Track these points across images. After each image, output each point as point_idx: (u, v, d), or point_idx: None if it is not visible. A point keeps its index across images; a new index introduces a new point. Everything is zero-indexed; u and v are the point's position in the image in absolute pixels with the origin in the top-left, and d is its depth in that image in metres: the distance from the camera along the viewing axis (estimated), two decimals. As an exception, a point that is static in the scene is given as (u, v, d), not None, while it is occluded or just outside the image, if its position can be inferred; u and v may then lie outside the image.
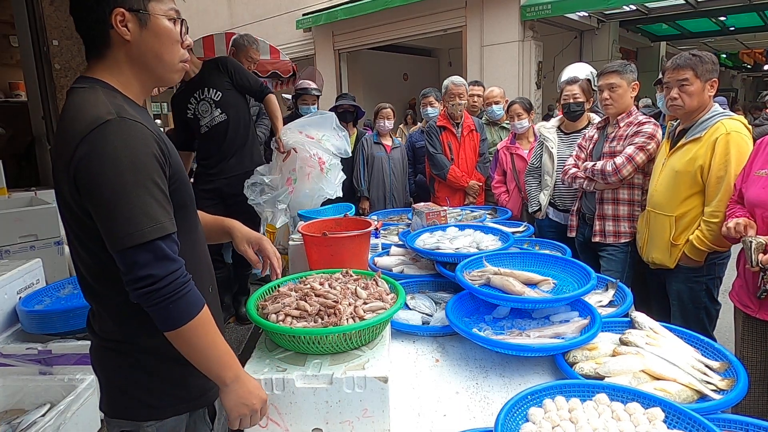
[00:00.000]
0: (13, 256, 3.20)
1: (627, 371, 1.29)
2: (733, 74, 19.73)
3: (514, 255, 1.97)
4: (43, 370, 2.55)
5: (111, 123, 0.97)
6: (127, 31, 1.04)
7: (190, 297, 1.02)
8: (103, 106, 0.99)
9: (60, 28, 4.14)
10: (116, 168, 0.96)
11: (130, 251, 0.96)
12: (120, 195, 0.96)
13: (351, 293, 1.48)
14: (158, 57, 1.09)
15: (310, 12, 10.54)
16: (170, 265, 0.99)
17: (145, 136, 1.01)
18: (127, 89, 1.09)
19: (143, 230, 0.96)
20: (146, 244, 0.96)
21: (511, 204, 3.59)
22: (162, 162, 1.03)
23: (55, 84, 4.16)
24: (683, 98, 2.19)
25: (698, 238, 2.19)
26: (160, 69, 1.11)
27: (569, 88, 3.00)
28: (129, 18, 1.04)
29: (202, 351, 1.05)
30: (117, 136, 0.97)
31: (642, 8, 9.09)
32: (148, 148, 1.00)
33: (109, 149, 0.96)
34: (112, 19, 1.03)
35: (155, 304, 0.98)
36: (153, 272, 0.97)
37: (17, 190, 4.26)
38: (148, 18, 1.05)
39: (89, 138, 0.96)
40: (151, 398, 1.14)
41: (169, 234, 1.00)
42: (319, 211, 2.71)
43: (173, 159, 1.09)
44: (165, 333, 1.02)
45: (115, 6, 1.02)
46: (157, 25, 1.07)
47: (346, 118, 4.42)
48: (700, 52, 2.21)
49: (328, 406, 1.21)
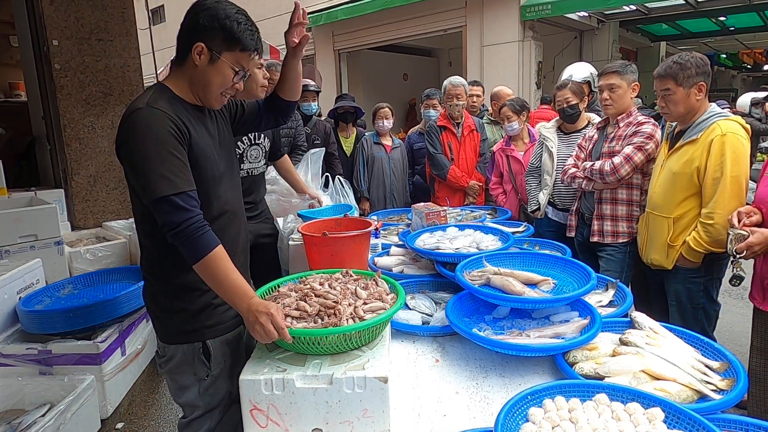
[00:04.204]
0: (13, 256, 3.20)
1: (627, 371, 1.29)
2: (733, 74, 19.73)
3: (514, 255, 1.97)
4: (43, 370, 2.55)
5: (139, 110, 1.32)
6: (198, 59, 1.39)
7: (205, 238, 1.29)
8: (140, 101, 1.35)
9: (60, 28, 4.13)
10: (140, 141, 1.29)
11: (153, 203, 1.28)
12: (144, 161, 1.28)
13: (351, 293, 1.48)
14: (207, 86, 1.44)
15: (310, 12, 10.54)
16: (185, 214, 1.28)
17: (162, 119, 1.32)
18: (184, 94, 1.46)
19: (160, 188, 1.27)
20: (164, 198, 1.26)
21: (508, 205, 3.59)
22: (177, 135, 1.33)
23: (55, 84, 4.16)
24: (669, 107, 2.23)
25: (695, 239, 2.19)
26: (206, 92, 1.46)
27: (560, 93, 3.03)
28: (205, 52, 1.39)
29: (219, 281, 1.31)
30: (143, 119, 1.31)
31: (642, 8, 9.09)
32: (164, 127, 1.31)
33: (135, 128, 1.30)
34: (192, 48, 1.38)
35: (179, 242, 1.28)
36: (172, 219, 1.27)
37: (17, 190, 4.25)
38: (218, 59, 1.40)
39: (126, 120, 1.33)
40: (163, 324, 1.50)
41: (182, 191, 1.29)
42: (319, 211, 2.71)
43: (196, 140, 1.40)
44: (192, 266, 1.30)
45: (198, 40, 1.38)
46: (220, 67, 1.41)
47: (347, 118, 4.42)
48: (684, 57, 2.19)
49: (328, 407, 1.21)
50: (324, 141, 4.16)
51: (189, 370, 1.48)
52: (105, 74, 4.40)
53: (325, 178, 3.16)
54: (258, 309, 1.26)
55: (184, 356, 1.48)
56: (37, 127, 4.99)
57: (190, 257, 1.29)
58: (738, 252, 1.80)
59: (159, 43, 10.22)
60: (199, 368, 1.48)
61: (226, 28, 1.37)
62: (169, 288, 1.46)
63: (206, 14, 1.36)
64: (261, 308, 1.26)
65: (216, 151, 1.50)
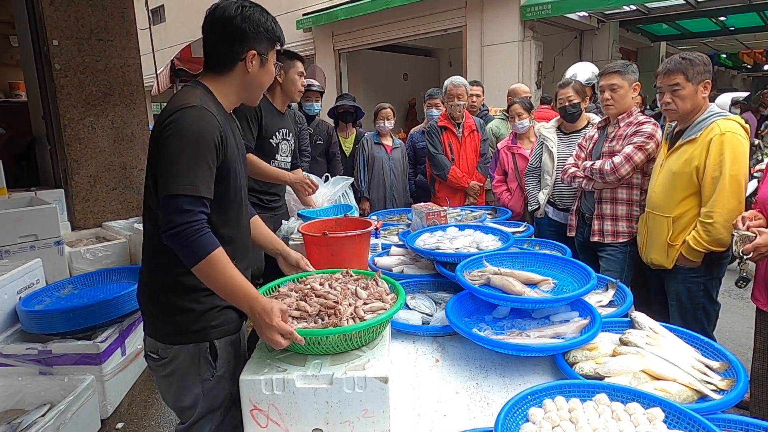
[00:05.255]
0: (13, 256, 3.20)
1: (627, 371, 1.29)
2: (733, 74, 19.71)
3: (514, 255, 1.97)
4: (43, 370, 2.55)
5: (193, 108, 1.32)
6: (251, 66, 1.44)
7: (203, 240, 1.26)
8: (194, 98, 1.35)
9: (60, 28, 4.13)
10: (183, 138, 1.28)
11: (167, 198, 1.25)
12: (177, 157, 1.27)
13: (351, 293, 1.48)
14: (261, 86, 1.53)
15: (310, 12, 10.55)
16: (189, 217, 1.24)
17: (213, 125, 1.33)
18: (223, 99, 1.47)
19: (180, 185, 1.25)
20: (177, 196, 1.24)
21: (513, 203, 3.59)
22: (218, 147, 1.35)
23: (55, 84, 4.16)
24: (676, 102, 2.21)
25: (694, 238, 2.20)
26: (257, 93, 1.54)
27: (563, 91, 3.03)
28: (257, 59, 1.45)
29: (219, 284, 1.29)
30: (192, 117, 1.31)
31: (642, 8, 9.08)
32: (211, 134, 1.32)
33: (183, 124, 1.29)
34: (245, 55, 1.43)
35: (174, 243, 1.25)
36: (175, 218, 1.23)
37: (17, 190, 4.25)
38: (267, 61, 1.48)
39: (175, 114, 1.31)
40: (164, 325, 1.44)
41: (199, 196, 1.27)
42: (319, 211, 2.71)
43: (229, 151, 1.40)
44: (190, 269, 1.27)
45: (250, 49, 1.43)
46: (268, 68, 1.50)
47: (346, 118, 4.42)
48: (691, 54, 2.21)
49: (329, 407, 1.21)
50: (327, 141, 4.17)
51: (193, 371, 1.44)
52: (105, 74, 4.41)
53: (325, 177, 3.17)
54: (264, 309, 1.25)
55: (189, 357, 1.43)
56: (37, 127, 4.99)
57: (189, 260, 1.26)
58: (745, 253, 1.79)
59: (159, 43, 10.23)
60: (205, 369, 1.44)
61: (269, 30, 1.45)
62: (177, 286, 1.41)
63: (250, 22, 1.41)
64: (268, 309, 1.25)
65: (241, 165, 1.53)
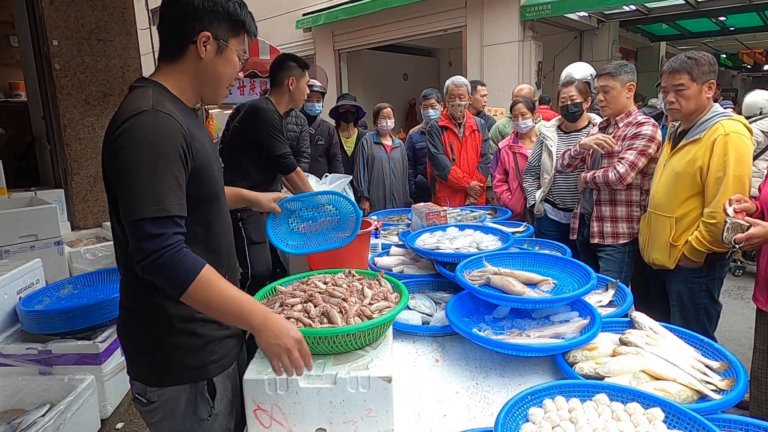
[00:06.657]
0: (13, 256, 3.20)
1: (627, 371, 1.30)
2: (733, 74, 19.70)
3: (514, 255, 1.97)
4: (43, 370, 2.55)
5: (146, 112, 1.10)
6: (204, 51, 1.21)
7: (186, 262, 1.08)
8: (145, 101, 1.13)
9: (60, 28, 4.13)
10: (139, 150, 1.08)
11: (131, 224, 1.06)
12: (136, 175, 1.07)
13: (357, 292, 1.48)
14: (218, 78, 1.28)
15: (310, 12, 10.53)
16: (162, 241, 1.05)
17: (173, 128, 1.12)
18: (182, 94, 1.26)
19: (145, 207, 1.05)
20: (143, 221, 1.05)
21: (514, 202, 3.59)
22: (184, 154, 1.14)
23: (55, 84, 4.16)
24: (680, 102, 2.20)
25: (697, 239, 2.20)
26: (215, 87, 1.29)
27: (566, 90, 3.02)
28: (211, 42, 1.22)
29: (217, 306, 1.11)
30: (148, 123, 1.10)
31: (642, 8, 9.07)
32: (173, 139, 1.12)
33: (138, 133, 1.09)
34: (197, 37, 1.20)
35: (151, 274, 1.06)
36: (145, 246, 1.05)
37: (17, 190, 4.25)
38: (226, 48, 1.25)
39: (127, 122, 1.10)
40: (153, 365, 1.24)
41: (170, 216, 1.08)
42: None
43: (199, 155, 1.20)
44: (180, 298, 1.09)
45: (203, 29, 1.20)
46: (229, 56, 1.26)
47: (347, 118, 4.42)
48: (696, 54, 2.20)
49: (332, 406, 1.21)
50: (328, 142, 4.17)
51: (189, 412, 1.26)
52: (105, 74, 4.40)
53: (324, 177, 3.17)
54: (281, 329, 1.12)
55: (184, 398, 1.25)
56: (37, 127, 4.99)
57: (175, 289, 1.08)
58: (737, 242, 1.81)
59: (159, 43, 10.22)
60: (202, 408, 1.27)
61: (231, 13, 1.23)
62: (165, 318, 1.21)
63: None
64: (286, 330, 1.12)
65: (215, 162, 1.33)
